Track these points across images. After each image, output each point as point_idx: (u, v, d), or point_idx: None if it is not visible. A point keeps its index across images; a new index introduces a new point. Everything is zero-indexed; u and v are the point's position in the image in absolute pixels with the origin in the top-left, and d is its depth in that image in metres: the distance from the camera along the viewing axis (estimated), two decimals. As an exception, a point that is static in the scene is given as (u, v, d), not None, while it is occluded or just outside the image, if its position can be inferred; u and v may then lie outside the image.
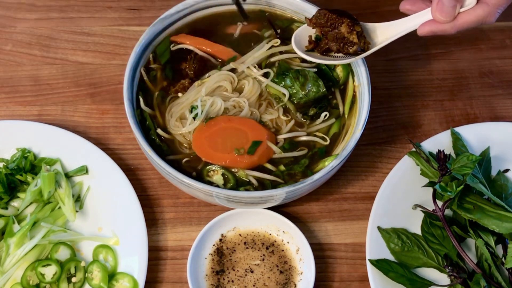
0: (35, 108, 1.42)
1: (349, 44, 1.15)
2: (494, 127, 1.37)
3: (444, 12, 1.06)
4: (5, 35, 1.52)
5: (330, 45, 1.17)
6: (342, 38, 1.15)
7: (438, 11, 1.06)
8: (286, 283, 1.23)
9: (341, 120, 1.26)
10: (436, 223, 1.24)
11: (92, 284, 1.20)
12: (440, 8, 1.06)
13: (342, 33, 1.15)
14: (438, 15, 1.06)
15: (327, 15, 1.16)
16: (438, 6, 1.06)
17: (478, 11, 1.07)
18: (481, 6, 1.07)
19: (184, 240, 1.28)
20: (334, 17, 1.16)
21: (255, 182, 1.19)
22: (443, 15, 1.06)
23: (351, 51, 1.16)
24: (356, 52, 1.16)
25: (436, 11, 1.06)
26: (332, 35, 1.16)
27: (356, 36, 1.14)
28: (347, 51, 1.16)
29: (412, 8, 1.13)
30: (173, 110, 1.25)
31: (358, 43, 1.15)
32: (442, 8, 1.06)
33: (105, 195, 1.28)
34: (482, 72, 1.51)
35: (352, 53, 1.16)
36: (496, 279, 1.18)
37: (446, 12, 1.06)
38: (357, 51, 1.15)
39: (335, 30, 1.16)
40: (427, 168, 1.28)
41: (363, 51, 1.16)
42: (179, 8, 1.31)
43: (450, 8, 1.05)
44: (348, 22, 1.15)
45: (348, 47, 1.16)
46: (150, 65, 1.29)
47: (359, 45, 1.15)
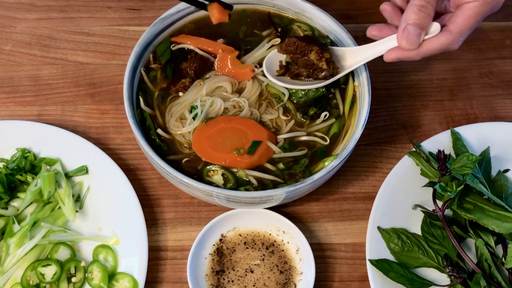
0: (35, 108, 1.42)
1: (319, 70, 1.20)
2: (494, 127, 1.37)
3: (409, 40, 1.08)
4: (5, 35, 1.52)
5: (300, 71, 1.22)
6: (312, 65, 1.20)
7: (404, 39, 1.08)
8: (286, 283, 1.23)
9: (341, 120, 1.26)
10: (436, 223, 1.24)
11: (92, 284, 1.20)
12: (406, 36, 1.08)
13: (311, 60, 1.19)
14: (403, 43, 1.09)
15: (296, 43, 1.20)
16: (404, 34, 1.08)
17: (441, 39, 1.09)
18: (445, 34, 1.09)
19: (184, 240, 1.28)
20: (303, 45, 1.20)
21: (255, 182, 1.19)
22: (408, 43, 1.09)
23: (321, 76, 1.20)
24: (325, 77, 1.19)
25: (402, 39, 1.09)
26: (302, 62, 1.21)
27: (325, 63, 1.18)
28: (317, 76, 1.20)
29: (379, 34, 1.16)
30: (173, 110, 1.25)
31: (327, 68, 1.19)
32: (408, 36, 1.08)
33: (105, 195, 1.28)
34: (482, 72, 1.51)
35: (321, 78, 1.20)
36: (496, 279, 1.18)
37: (411, 40, 1.08)
38: (327, 76, 1.19)
39: (305, 57, 1.20)
40: (427, 168, 1.28)
41: (332, 76, 1.20)
42: (179, 8, 1.31)
43: (415, 36, 1.08)
44: (317, 50, 1.18)
45: (318, 73, 1.20)
46: (150, 65, 1.29)
47: (328, 70, 1.19)
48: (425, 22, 1.08)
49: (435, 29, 1.10)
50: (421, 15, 1.07)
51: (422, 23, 1.08)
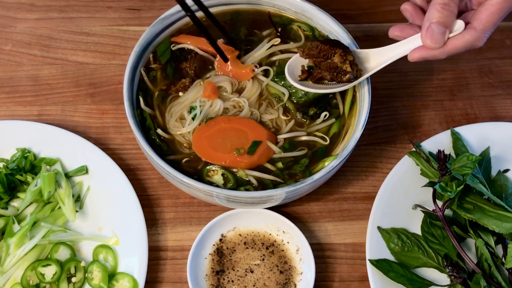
0: (35, 108, 1.42)
1: (342, 72, 1.18)
2: (494, 127, 1.37)
3: (434, 39, 1.08)
4: (5, 35, 1.52)
5: (323, 74, 1.20)
6: (335, 68, 1.18)
7: (428, 38, 1.08)
8: (286, 283, 1.23)
9: (341, 120, 1.26)
10: (436, 223, 1.24)
11: (92, 284, 1.20)
12: (430, 35, 1.07)
13: (335, 63, 1.17)
14: (428, 42, 1.08)
15: (319, 47, 1.18)
16: (428, 33, 1.07)
17: (466, 36, 1.09)
18: (469, 32, 1.09)
19: (184, 240, 1.28)
20: (326, 48, 1.18)
21: (255, 182, 1.19)
22: (433, 42, 1.08)
23: (345, 79, 1.18)
24: (349, 80, 1.18)
25: (426, 38, 1.08)
26: (325, 65, 1.19)
27: (349, 65, 1.17)
28: (341, 79, 1.19)
29: (401, 35, 1.15)
30: (173, 110, 1.25)
31: (351, 71, 1.17)
32: (432, 35, 1.07)
33: (105, 195, 1.28)
34: (482, 72, 1.51)
35: (345, 81, 1.19)
36: (496, 279, 1.18)
37: (436, 39, 1.08)
38: (350, 78, 1.18)
39: (328, 60, 1.18)
40: (427, 168, 1.28)
41: (356, 78, 1.18)
42: (179, 8, 1.30)
43: (439, 35, 1.07)
44: (340, 52, 1.17)
45: (342, 76, 1.18)
46: (150, 65, 1.29)
47: (352, 73, 1.17)
48: (449, 20, 1.07)
49: (459, 26, 1.08)
50: (445, 13, 1.06)
51: (446, 21, 1.07)
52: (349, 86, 1.19)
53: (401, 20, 1.61)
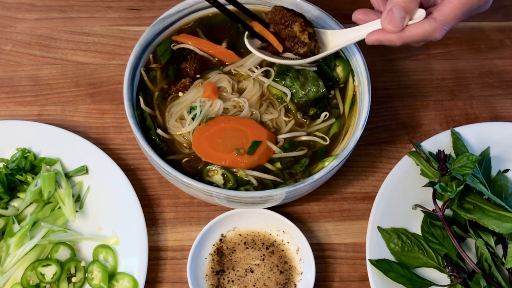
0: (35, 108, 1.42)
1: (300, 44, 1.18)
2: (494, 127, 1.37)
3: (393, 22, 1.08)
4: (5, 35, 1.52)
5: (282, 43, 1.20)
6: (294, 37, 1.18)
7: (387, 21, 1.08)
8: (286, 283, 1.23)
9: (341, 120, 1.26)
10: (436, 223, 1.24)
11: (92, 284, 1.20)
12: (390, 17, 1.08)
13: (294, 31, 1.17)
14: (387, 24, 1.08)
15: (282, 12, 1.19)
16: (388, 15, 1.08)
17: (425, 25, 1.09)
18: (429, 21, 1.09)
19: (184, 240, 1.28)
20: (288, 15, 1.18)
21: (255, 182, 1.19)
22: (391, 25, 1.08)
23: (301, 51, 1.18)
24: (305, 53, 1.18)
25: (385, 20, 1.08)
26: (284, 33, 1.18)
27: (307, 37, 1.17)
28: (297, 51, 1.19)
29: (364, 18, 1.16)
30: (173, 110, 1.25)
31: (309, 44, 1.17)
32: (392, 18, 1.07)
33: (105, 195, 1.28)
34: (482, 72, 1.51)
35: (301, 54, 1.18)
36: (496, 279, 1.18)
37: (395, 22, 1.08)
38: (307, 52, 1.18)
39: (288, 28, 1.18)
40: (427, 168, 1.28)
41: (313, 54, 1.18)
42: (179, 8, 1.31)
43: (399, 19, 1.07)
44: (301, 22, 1.17)
45: (299, 47, 1.18)
46: (150, 65, 1.29)
47: (310, 46, 1.17)
48: (411, 6, 1.07)
49: (420, 15, 1.09)
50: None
51: (408, 6, 1.07)
52: (305, 61, 1.19)
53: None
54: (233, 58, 1.30)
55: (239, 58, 1.30)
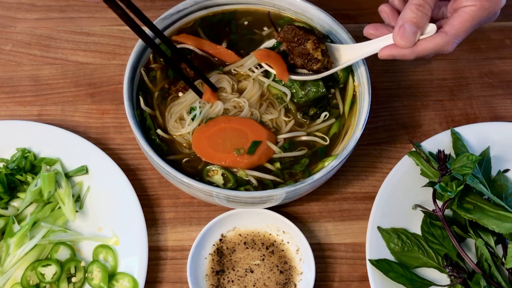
0: (35, 108, 1.42)
1: (313, 60, 1.20)
2: (494, 127, 1.37)
3: (405, 38, 1.09)
4: (5, 35, 1.52)
5: (295, 60, 1.23)
6: (307, 54, 1.20)
7: (400, 36, 1.10)
8: (286, 283, 1.23)
9: (341, 120, 1.26)
10: (436, 223, 1.24)
11: (92, 284, 1.20)
12: (402, 33, 1.09)
13: (307, 49, 1.20)
14: (399, 40, 1.10)
15: (294, 30, 1.21)
16: (400, 31, 1.09)
17: (437, 39, 1.10)
18: (440, 35, 1.10)
19: (184, 240, 1.28)
20: (301, 33, 1.20)
21: (255, 182, 1.19)
22: (403, 40, 1.10)
23: (315, 67, 1.21)
24: (319, 70, 1.21)
25: (397, 36, 1.10)
26: (297, 51, 1.21)
27: (320, 53, 1.19)
28: (311, 68, 1.21)
29: (375, 33, 1.17)
30: (173, 110, 1.25)
31: (322, 60, 1.19)
32: (404, 34, 1.09)
33: (105, 195, 1.28)
34: (482, 72, 1.51)
35: (315, 70, 1.21)
36: (496, 279, 1.18)
37: (407, 38, 1.09)
38: (321, 68, 1.20)
39: (301, 46, 1.20)
40: (427, 168, 1.28)
41: (326, 69, 1.21)
42: (179, 8, 1.31)
43: (411, 34, 1.09)
44: (314, 39, 1.19)
45: (312, 64, 1.20)
46: (150, 65, 1.29)
47: (323, 63, 1.20)
48: (422, 21, 1.09)
49: (431, 29, 1.10)
50: (419, 13, 1.09)
51: (419, 21, 1.09)
52: (317, 76, 1.22)
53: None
54: (233, 58, 1.30)
55: (239, 58, 1.30)
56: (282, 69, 1.23)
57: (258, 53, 1.24)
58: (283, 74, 1.23)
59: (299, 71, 1.25)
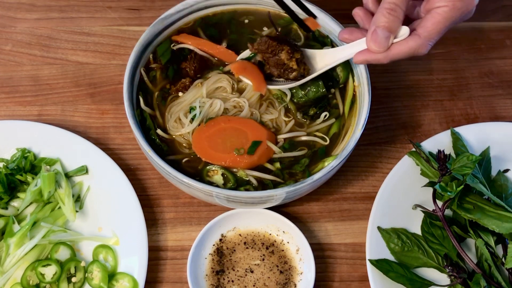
0: (35, 108, 1.42)
1: (289, 70, 1.20)
2: (494, 127, 1.37)
3: (377, 43, 1.08)
4: (5, 35, 1.52)
5: (271, 70, 1.22)
6: (283, 64, 1.20)
7: (372, 42, 1.09)
8: (286, 283, 1.23)
9: (341, 120, 1.26)
10: (436, 223, 1.24)
11: (92, 284, 1.20)
12: (374, 38, 1.08)
13: (282, 59, 1.19)
14: (372, 45, 1.09)
15: (268, 42, 1.20)
16: (373, 36, 1.08)
17: (410, 42, 1.09)
18: (413, 38, 1.09)
19: (184, 240, 1.28)
20: (274, 44, 1.20)
21: (255, 182, 1.19)
22: (376, 45, 1.09)
23: (291, 76, 1.21)
24: (296, 78, 1.20)
25: (370, 41, 1.09)
26: (273, 61, 1.21)
27: (295, 63, 1.19)
28: (288, 77, 1.21)
29: (350, 37, 1.16)
30: (173, 110, 1.25)
31: (298, 69, 1.19)
32: (376, 39, 1.08)
33: (105, 195, 1.28)
34: (482, 72, 1.51)
35: (292, 79, 1.21)
36: (496, 279, 1.18)
37: (380, 43, 1.08)
38: (297, 76, 1.20)
39: (276, 56, 1.20)
40: (427, 168, 1.28)
41: (303, 77, 1.20)
42: (179, 8, 1.31)
43: (383, 39, 1.08)
44: (287, 50, 1.19)
45: (288, 73, 1.20)
46: (150, 65, 1.29)
47: (299, 71, 1.20)
48: (394, 25, 1.08)
49: (404, 32, 1.09)
50: (390, 18, 1.07)
51: (391, 26, 1.08)
52: (295, 84, 1.21)
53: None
54: (233, 58, 1.30)
55: (238, 59, 1.30)
56: (258, 81, 1.23)
57: (234, 66, 1.24)
58: (259, 86, 1.22)
59: (276, 79, 1.24)
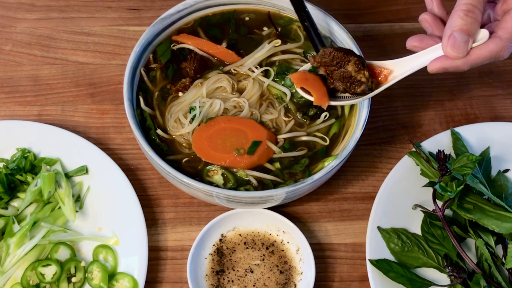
0: (35, 108, 1.42)
1: (356, 83, 1.11)
2: (494, 127, 1.37)
3: (456, 48, 1.01)
4: (5, 35, 1.52)
5: (336, 85, 1.14)
6: (349, 77, 1.11)
7: (450, 47, 1.01)
8: (286, 283, 1.23)
9: (341, 120, 1.26)
10: (436, 223, 1.24)
11: (92, 284, 1.20)
12: (452, 43, 1.01)
13: (349, 72, 1.10)
14: (450, 51, 1.01)
15: (332, 53, 1.11)
16: (450, 41, 1.01)
17: (491, 45, 1.02)
18: (494, 41, 1.02)
19: (184, 240, 1.28)
20: (340, 55, 1.11)
21: (255, 182, 1.19)
22: (455, 51, 1.01)
23: (359, 90, 1.11)
24: (363, 92, 1.11)
25: (447, 47, 1.01)
26: (337, 74, 1.12)
27: (363, 75, 1.10)
28: (354, 91, 1.12)
29: (420, 45, 1.09)
30: (173, 110, 1.25)
31: (366, 82, 1.10)
32: (454, 44, 1.00)
33: (105, 195, 1.28)
34: (482, 72, 1.51)
35: (359, 93, 1.12)
36: (496, 279, 1.18)
37: (459, 48, 1.01)
38: (365, 90, 1.11)
39: (341, 69, 1.11)
40: (427, 168, 1.28)
41: (371, 90, 1.11)
42: (179, 8, 1.31)
43: (462, 43, 1.00)
44: (355, 61, 1.10)
45: (356, 86, 1.11)
46: (150, 65, 1.29)
47: (367, 84, 1.10)
48: (473, 28, 1.00)
49: (483, 35, 1.01)
50: (468, 20, 1.00)
51: (470, 29, 1.00)
52: (363, 98, 1.12)
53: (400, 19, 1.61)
54: (233, 58, 1.30)
55: (239, 58, 1.30)
56: (321, 93, 1.12)
57: (294, 76, 1.14)
58: (322, 100, 1.12)
59: (339, 95, 1.15)
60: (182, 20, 1.33)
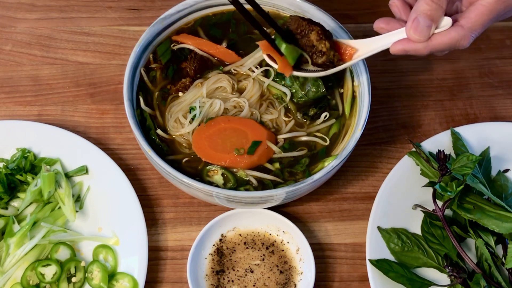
0: (35, 108, 1.42)
1: (318, 53, 1.13)
2: (494, 127, 1.37)
3: (418, 31, 1.05)
4: (5, 35, 1.52)
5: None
6: (311, 46, 1.13)
7: (413, 30, 1.05)
8: (286, 283, 1.23)
9: (341, 120, 1.26)
10: (436, 223, 1.24)
11: (92, 284, 1.20)
12: (415, 26, 1.04)
13: (311, 40, 1.13)
14: (412, 34, 1.05)
15: (298, 21, 1.14)
16: (413, 24, 1.04)
17: (452, 33, 1.06)
18: (456, 29, 1.06)
19: (184, 240, 1.28)
20: (304, 24, 1.14)
21: (255, 182, 1.19)
22: (417, 34, 1.05)
23: (320, 61, 1.13)
24: (325, 63, 1.14)
25: (410, 30, 1.05)
26: (302, 43, 1.14)
27: (324, 46, 1.12)
28: (316, 61, 1.14)
29: (386, 27, 1.13)
30: (173, 110, 1.25)
31: (328, 53, 1.12)
32: (417, 27, 1.04)
33: (105, 195, 1.28)
34: (482, 72, 1.51)
35: (321, 64, 1.14)
36: (496, 279, 1.18)
37: (421, 31, 1.05)
38: (326, 62, 1.13)
39: (305, 37, 1.14)
40: (427, 168, 1.28)
41: (332, 63, 1.14)
42: (179, 8, 1.31)
43: (425, 28, 1.04)
44: (318, 30, 1.13)
45: (317, 57, 1.13)
46: (150, 65, 1.29)
47: (328, 56, 1.13)
48: (437, 13, 1.04)
49: (446, 23, 1.05)
50: (433, 6, 1.04)
51: (433, 14, 1.03)
52: (325, 73, 1.14)
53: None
54: (233, 58, 1.30)
55: (239, 58, 1.30)
56: (285, 62, 1.14)
57: (263, 43, 1.16)
58: (285, 68, 1.14)
59: (303, 67, 1.18)
60: (182, 20, 1.33)
